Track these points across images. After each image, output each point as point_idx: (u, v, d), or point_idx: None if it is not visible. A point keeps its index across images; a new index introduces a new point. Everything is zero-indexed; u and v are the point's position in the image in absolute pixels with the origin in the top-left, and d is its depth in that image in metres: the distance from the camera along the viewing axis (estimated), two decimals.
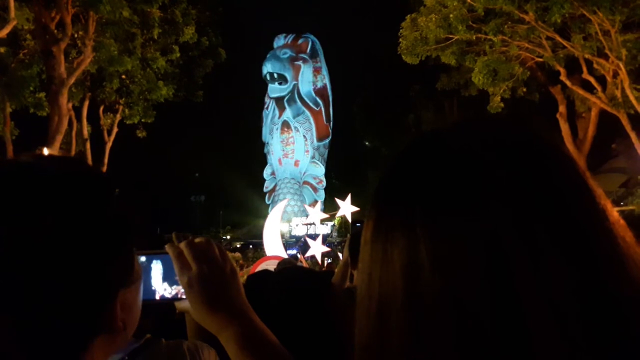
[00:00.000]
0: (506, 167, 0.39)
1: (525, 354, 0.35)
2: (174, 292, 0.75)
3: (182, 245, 0.68)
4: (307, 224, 19.23)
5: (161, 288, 0.75)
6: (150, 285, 0.74)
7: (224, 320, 0.66)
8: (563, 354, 0.34)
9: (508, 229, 0.37)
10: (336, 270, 2.24)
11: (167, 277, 0.75)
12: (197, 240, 0.69)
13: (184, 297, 0.72)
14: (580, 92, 11.51)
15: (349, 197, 8.33)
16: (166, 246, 0.70)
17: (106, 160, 13.68)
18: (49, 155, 0.54)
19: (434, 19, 10.37)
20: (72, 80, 10.97)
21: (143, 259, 0.73)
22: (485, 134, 0.42)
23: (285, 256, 7.62)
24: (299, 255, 8.73)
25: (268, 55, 25.07)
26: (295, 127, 25.25)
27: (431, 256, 0.38)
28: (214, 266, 0.68)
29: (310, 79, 25.49)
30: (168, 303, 0.78)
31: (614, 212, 0.39)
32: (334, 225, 21.06)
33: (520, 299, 0.35)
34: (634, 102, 9.66)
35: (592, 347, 0.34)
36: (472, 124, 0.44)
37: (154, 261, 0.75)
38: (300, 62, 25.14)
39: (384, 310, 0.40)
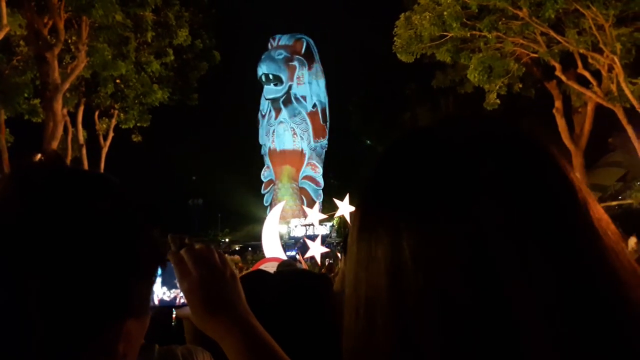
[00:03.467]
0: (491, 163, 0.39)
1: (512, 351, 0.35)
2: (172, 296, 0.75)
3: (183, 251, 0.69)
4: (305, 225, 19.22)
5: (160, 292, 0.75)
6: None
7: (224, 325, 0.66)
8: (550, 351, 0.34)
9: (493, 226, 0.37)
10: (337, 277, 2.22)
11: (166, 282, 0.76)
12: (197, 246, 0.70)
13: (182, 301, 0.73)
14: (576, 87, 11.54)
15: (347, 197, 8.32)
16: (168, 253, 0.71)
17: (102, 166, 13.64)
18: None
19: (428, 16, 10.37)
20: (66, 86, 10.92)
21: None
22: (471, 131, 0.42)
23: (285, 258, 7.59)
24: (297, 257, 8.71)
25: (263, 57, 25.04)
26: (292, 128, 25.23)
27: (414, 254, 0.38)
28: (214, 271, 0.68)
29: (305, 79, 25.48)
30: (163, 310, 0.77)
31: (598, 208, 0.40)
32: (332, 225, 21.05)
33: (506, 296, 0.35)
34: (629, 95, 9.68)
35: (580, 343, 0.34)
36: (457, 121, 0.44)
37: None
38: (295, 63, 25.13)
39: (370, 310, 0.40)
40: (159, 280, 0.75)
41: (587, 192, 0.40)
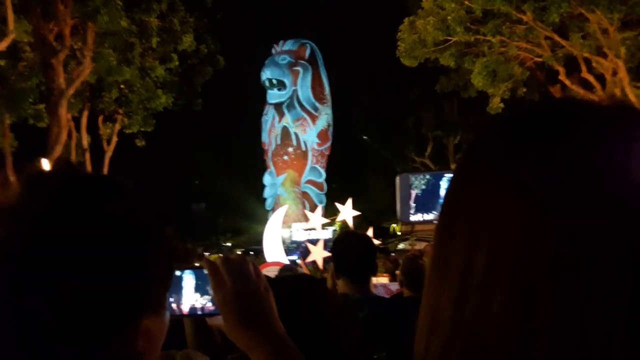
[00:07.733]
0: None
1: None
2: (204, 303, 0.76)
3: (218, 261, 0.70)
4: (307, 229, 19.19)
5: (193, 299, 0.76)
6: (180, 301, 0.76)
7: (256, 339, 0.67)
8: None
9: None
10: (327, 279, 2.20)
11: (200, 289, 0.77)
12: (232, 257, 0.72)
13: (212, 309, 0.74)
14: (580, 91, 11.49)
15: (349, 201, 8.30)
16: (202, 261, 0.74)
17: (106, 170, 13.68)
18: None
19: (431, 21, 10.37)
20: (71, 91, 10.97)
21: (178, 273, 0.74)
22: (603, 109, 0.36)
23: (286, 262, 7.57)
24: (298, 261, 8.69)
25: (267, 62, 25.08)
26: (295, 133, 25.26)
27: (560, 237, 0.30)
28: (249, 285, 0.69)
29: (309, 84, 25.52)
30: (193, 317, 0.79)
31: None
32: (335, 229, 21.03)
33: None
34: (633, 100, 9.63)
35: None
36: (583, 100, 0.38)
37: (186, 273, 0.77)
38: (299, 68, 25.18)
39: (487, 291, 0.32)
40: (192, 286, 0.76)
41: None
